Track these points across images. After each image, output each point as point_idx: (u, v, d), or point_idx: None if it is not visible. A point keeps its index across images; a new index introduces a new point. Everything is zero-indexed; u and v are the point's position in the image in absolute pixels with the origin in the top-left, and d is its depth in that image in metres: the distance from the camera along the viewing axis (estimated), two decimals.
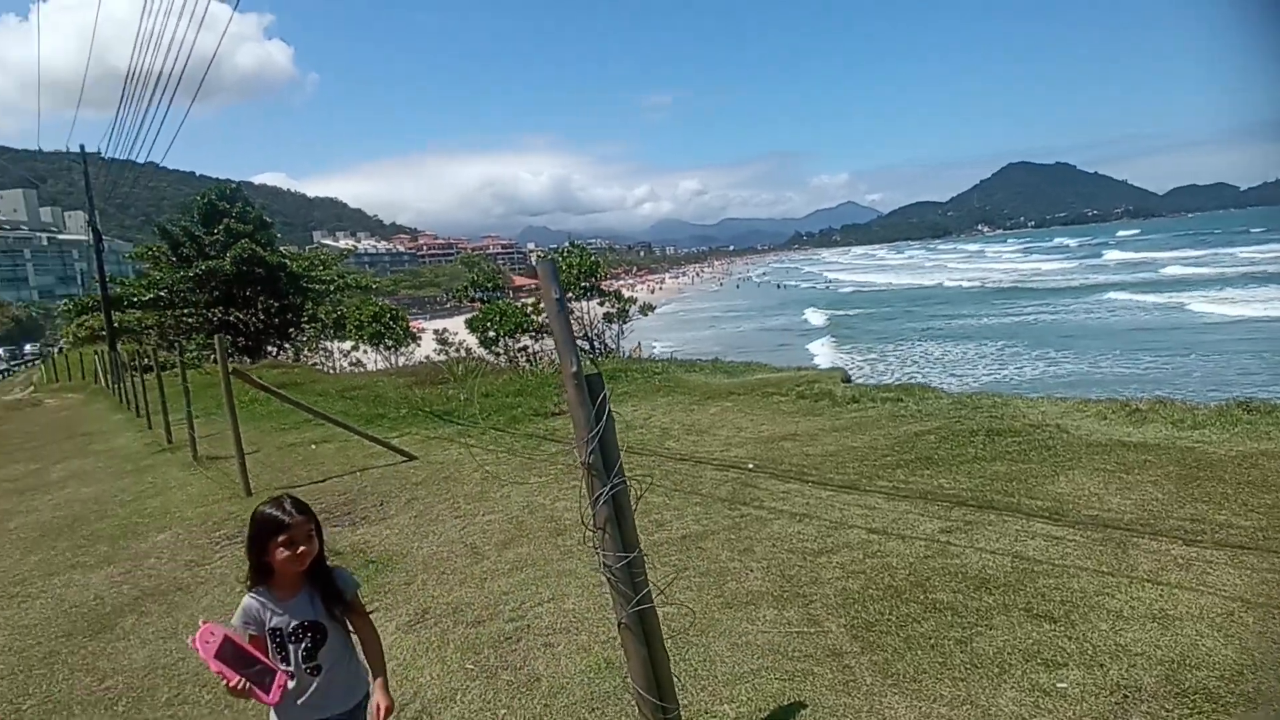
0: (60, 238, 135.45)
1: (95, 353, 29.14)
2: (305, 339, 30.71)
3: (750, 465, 6.68)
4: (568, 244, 23.51)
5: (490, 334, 19.99)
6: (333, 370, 26.66)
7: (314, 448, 9.91)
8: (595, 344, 20.40)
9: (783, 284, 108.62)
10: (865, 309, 56.70)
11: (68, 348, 45.55)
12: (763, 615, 3.91)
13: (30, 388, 32.20)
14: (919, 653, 3.39)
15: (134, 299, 28.87)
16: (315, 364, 28.06)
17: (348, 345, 28.89)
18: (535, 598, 4.43)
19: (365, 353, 27.69)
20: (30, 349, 69.74)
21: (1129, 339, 29.96)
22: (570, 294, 18.96)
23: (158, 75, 11.39)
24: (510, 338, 19.95)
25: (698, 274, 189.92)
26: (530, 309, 20.24)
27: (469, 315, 22.18)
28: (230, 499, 7.64)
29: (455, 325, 25.42)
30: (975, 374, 25.97)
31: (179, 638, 4.43)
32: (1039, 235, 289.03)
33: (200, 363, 21.08)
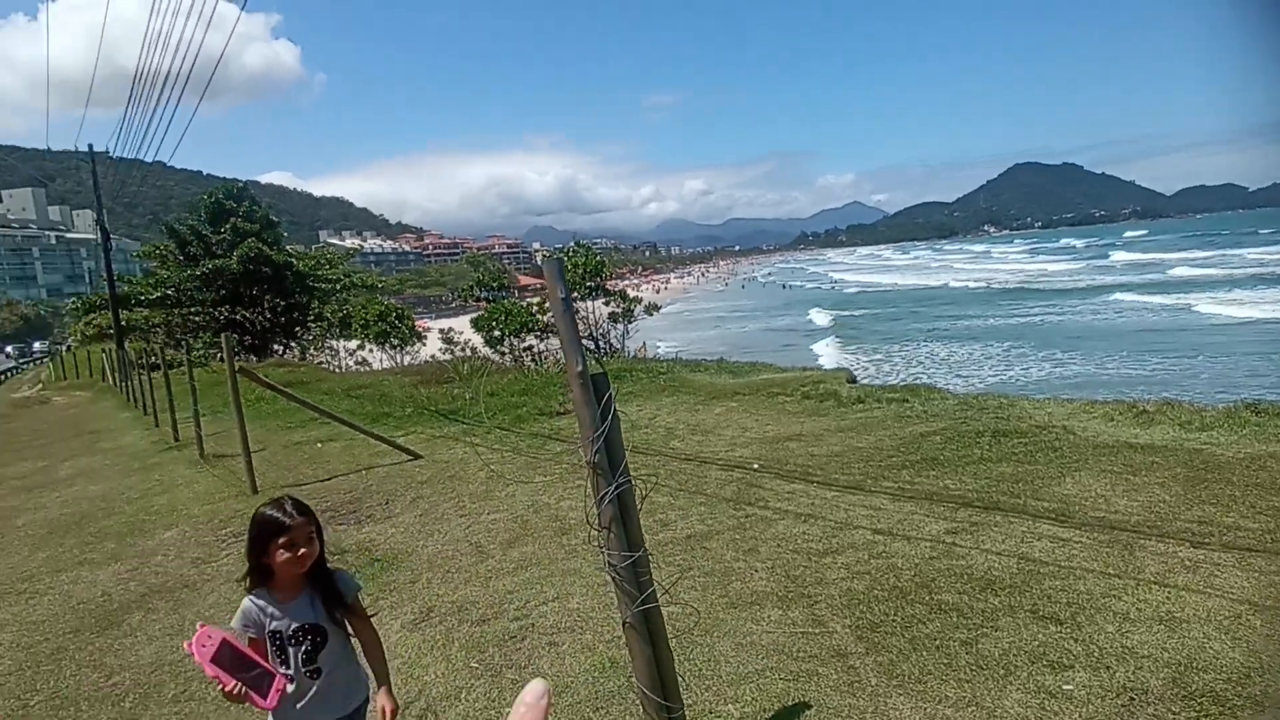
0: (68, 236, 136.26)
1: (103, 351, 29.30)
2: (311, 338, 30.78)
3: (755, 465, 6.68)
4: (573, 243, 23.49)
5: (495, 333, 20.01)
6: (338, 369, 26.72)
7: (320, 446, 9.94)
8: (600, 344, 20.40)
9: (788, 284, 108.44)
10: (871, 309, 56.55)
11: (76, 346, 45.80)
12: (767, 615, 3.90)
13: (39, 385, 32.38)
14: (924, 654, 3.38)
15: (141, 297, 28.97)
16: (321, 363, 28.13)
17: (353, 344, 28.94)
18: (540, 597, 4.44)
19: (371, 352, 27.74)
20: (39, 347, 70.14)
21: (1136, 340, 29.80)
22: (576, 294, 18.95)
23: (166, 75, 11.47)
24: (515, 337, 19.97)
25: (703, 274, 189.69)
26: (535, 308, 20.25)
27: (474, 315, 22.19)
28: (236, 497, 7.67)
29: (460, 324, 25.43)
30: (981, 375, 25.86)
31: (186, 635, 4.43)
32: (1046, 236, 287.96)
33: (207, 361, 21.15)
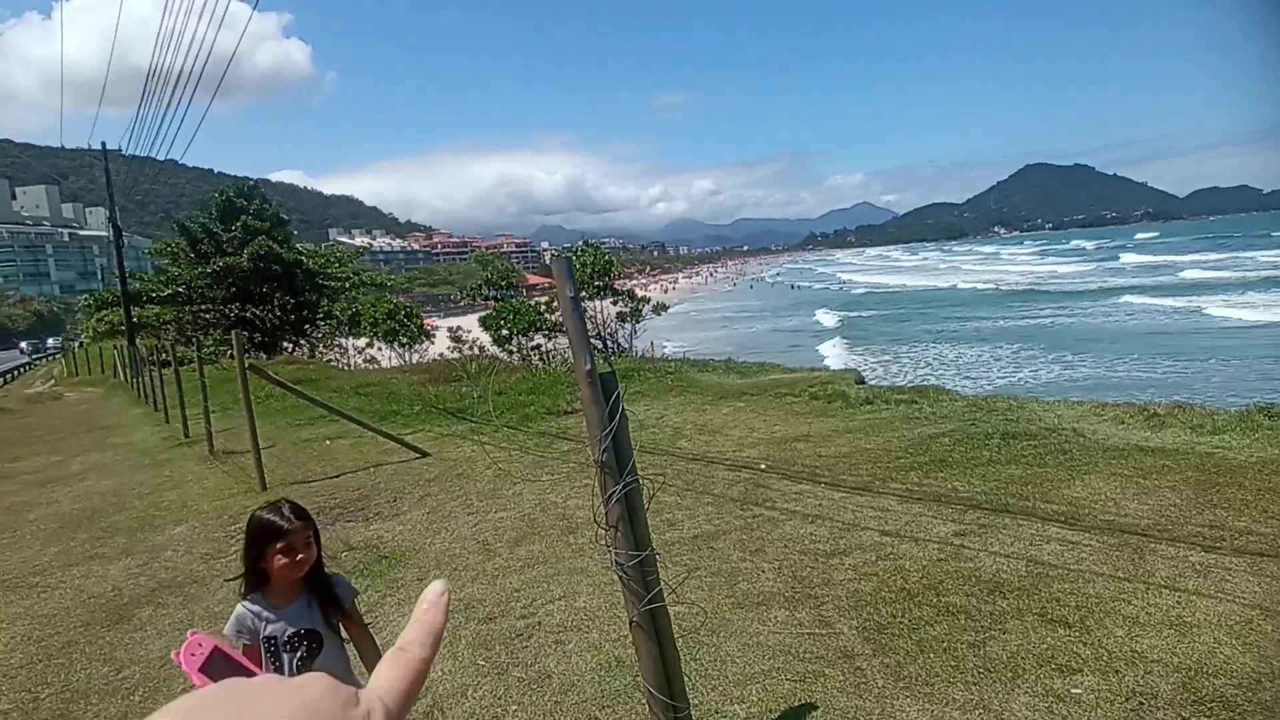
0: (81, 233, 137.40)
1: (115, 347, 29.52)
2: (320, 335, 30.93)
3: (763, 466, 6.67)
4: (582, 243, 23.52)
5: (504, 332, 20.07)
6: (347, 367, 26.85)
7: (328, 443, 9.99)
8: (608, 343, 20.42)
9: (796, 284, 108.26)
10: (879, 310, 56.38)
11: (88, 342, 46.16)
12: (774, 616, 3.90)
13: (51, 381, 32.65)
14: (931, 656, 3.37)
15: (153, 295, 29.20)
16: (330, 360, 28.27)
17: (362, 342, 29.08)
18: (547, 595, 4.45)
19: (379, 350, 27.87)
20: (52, 343, 70.73)
21: (1147, 343, 29.57)
22: (584, 293, 18.97)
23: (178, 73, 11.55)
24: (524, 336, 20.03)
25: (711, 274, 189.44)
26: (543, 307, 20.30)
27: (483, 313, 22.27)
28: (246, 493, 7.71)
29: (469, 323, 25.51)
30: (990, 377, 25.72)
31: (196, 629, 4.48)
32: (1056, 237, 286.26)
33: (217, 358, 21.31)
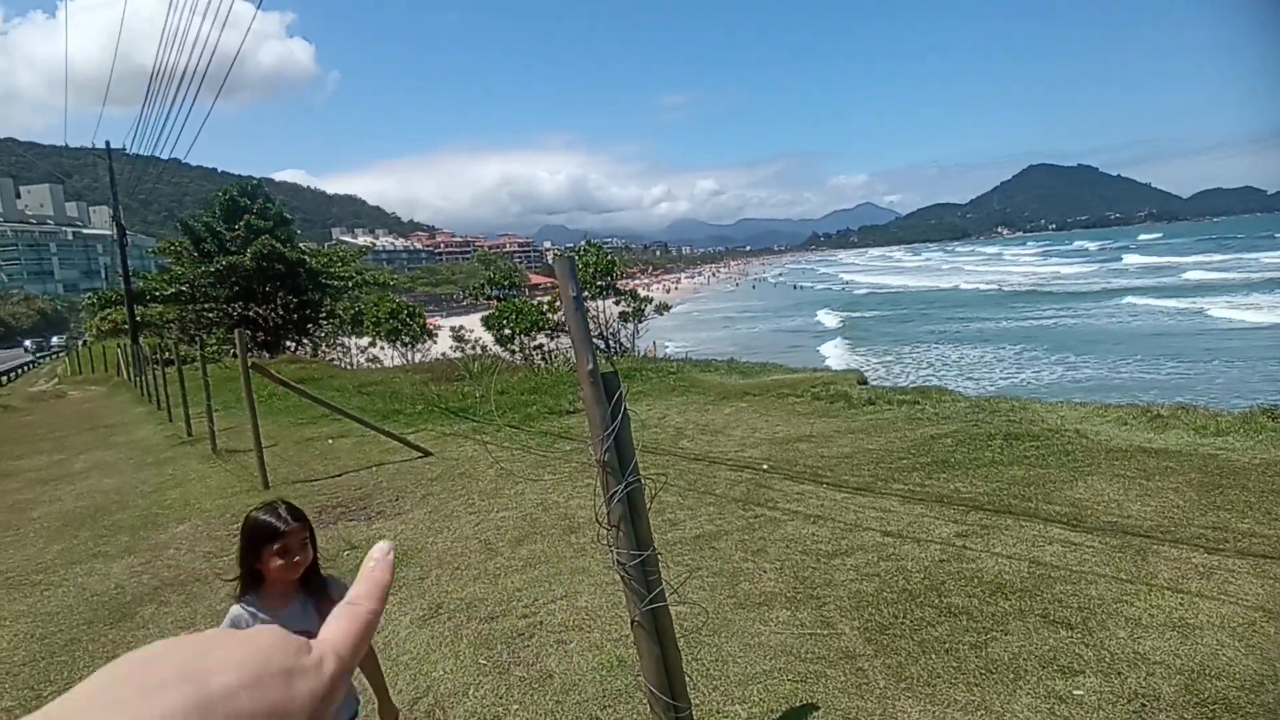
0: (85, 232, 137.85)
1: (118, 346, 29.60)
2: (323, 335, 30.98)
3: (765, 466, 6.67)
4: (584, 242, 23.53)
5: (506, 332, 20.08)
6: (350, 366, 26.86)
7: (331, 442, 10.00)
8: (610, 343, 20.43)
9: (799, 285, 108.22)
10: (881, 311, 56.34)
11: (91, 341, 46.29)
12: (776, 616, 3.89)
13: (55, 379, 32.72)
14: (933, 657, 3.36)
15: (156, 293, 29.25)
16: (333, 359, 28.29)
17: (365, 341, 29.11)
18: (548, 594, 4.45)
19: (382, 349, 27.89)
20: (56, 341, 70.91)
21: (1150, 344, 29.51)
22: (586, 293, 18.96)
23: (182, 72, 11.57)
24: (526, 335, 20.03)
25: (714, 274, 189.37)
26: (546, 307, 20.31)
27: (485, 313, 22.28)
28: (248, 492, 7.72)
29: (471, 323, 25.52)
30: (992, 377, 25.68)
31: (197, 627, 4.49)
32: (1059, 238, 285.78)
33: (220, 357, 21.33)
